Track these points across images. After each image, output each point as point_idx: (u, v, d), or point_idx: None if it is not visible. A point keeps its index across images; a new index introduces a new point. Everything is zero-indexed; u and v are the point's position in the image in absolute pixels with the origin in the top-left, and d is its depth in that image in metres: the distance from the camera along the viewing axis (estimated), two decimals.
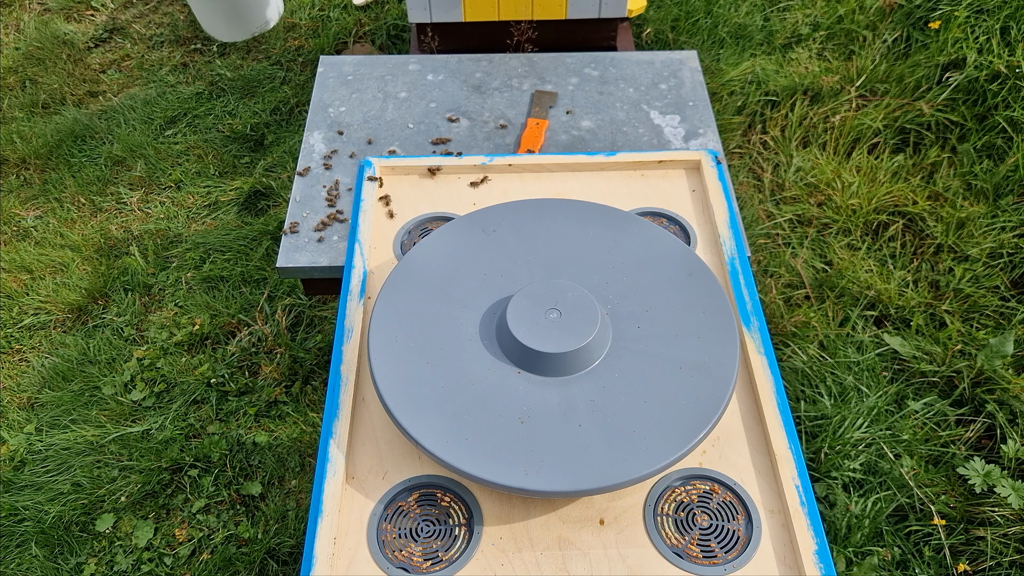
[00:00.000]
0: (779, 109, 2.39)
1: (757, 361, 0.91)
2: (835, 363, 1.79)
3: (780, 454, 0.83)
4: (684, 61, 1.81)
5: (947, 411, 1.72)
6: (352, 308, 0.98)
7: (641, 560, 0.78)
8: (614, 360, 0.85)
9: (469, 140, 1.64)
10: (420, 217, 1.10)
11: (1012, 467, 1.62)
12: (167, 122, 2.56)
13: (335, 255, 1.44)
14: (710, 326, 0.87)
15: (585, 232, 0.97)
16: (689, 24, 2.66)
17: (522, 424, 0.80)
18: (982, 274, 1.95)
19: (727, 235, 1.04)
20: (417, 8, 1.98)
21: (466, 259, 0.95)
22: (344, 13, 2.84)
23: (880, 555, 1.50)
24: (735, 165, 2.28)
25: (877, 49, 2.50)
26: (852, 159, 2.24)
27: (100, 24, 2.96)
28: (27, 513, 1.66)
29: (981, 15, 2.38)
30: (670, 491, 0.82)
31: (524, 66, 1.81)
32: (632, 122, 1.67)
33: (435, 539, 0.79)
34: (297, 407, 1.81)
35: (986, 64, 2.26)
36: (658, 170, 1.16)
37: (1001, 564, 1.50)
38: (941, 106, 2.28)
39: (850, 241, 2.07)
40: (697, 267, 0.93)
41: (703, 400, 0.81)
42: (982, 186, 2.12)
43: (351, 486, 0.84)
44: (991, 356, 1.74)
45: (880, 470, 1.62)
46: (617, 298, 0.90)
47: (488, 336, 0.87)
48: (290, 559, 1.59)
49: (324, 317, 1.98)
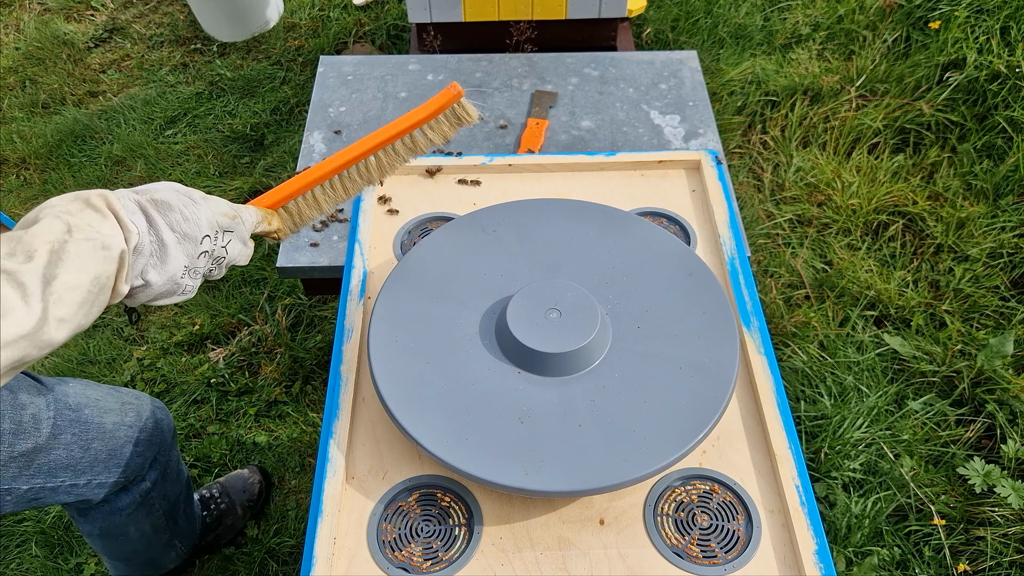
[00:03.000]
0: (779, 109, 2.39)
1: (757, 361, 0.91)
2: (835, 363, 1.79)
3: (780, 454, 0.83)
4: (684, 61, 1.81)
5: (947, 411, 1.72)
6: (352, 308, 0.98)
7: (641, 560, 0.78)
8: (614, 360, 0.85)
9: (469, 140, 1.64)
10: (420, 217, 1.10)
11: (1012, 467, 1.62)
12: (167, 122, 2.56)
13: (335, 255, 1.44)
14: (710, 326, 0.87)
15: (585, 232, 0.97)
16: (689, 24, 2.66)
17: (522, 424, 0.80)
18: (982, 274, 1.95)
19: (727, 235, 1.04)
20: (417, 8, 1.98)
21: (466, 259, 0.95)
22: (344, 13, 2.84)
23: (880, 555, 1.50)
24: (735, 165, 2.28)
25: (877, 49, 2.50)
26: (852, 159, 2.24)
27: (100, 24, 2.96)
28: (27, 513, 1.66)
29: (981, 15, 2.38)
30: (670, 491, 0.82)
31: (524, 66, 1.81)
32: (632, 122, 1.67)
33: (435, 539, 0.79)
34: (297, 407, 1.81)
35: (986, 64, 2.26)
36: (658, 170, 1.16)
37: (1001, 564, 1.50)
38: (941, 106, 2.28)
39: (850, 241, 2.07)
40: (697, 267, 0.93)
41: (703, 400, 0.81)
42: (982, 186, 2.12)
43: (351, 486, 0.84)
44: (991, 356, 1.74)
45: (880, 470, 1.62)
46: (617, 298, 0.90)
47: (488, 336, 0.87)
48: (290, 559, 1.59)
49: (324, 317, 1.98)
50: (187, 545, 1.47)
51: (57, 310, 0.59)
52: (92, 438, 1.07)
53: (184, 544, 1.46)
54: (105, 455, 1.10)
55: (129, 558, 1.38)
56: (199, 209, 0.70)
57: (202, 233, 0.70)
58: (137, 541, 1.32)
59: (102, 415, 1.10)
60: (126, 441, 1.14)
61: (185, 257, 0.69)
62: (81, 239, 0.61)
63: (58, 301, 0.59)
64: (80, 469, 1.07)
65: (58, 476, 1.03)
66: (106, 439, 1.10)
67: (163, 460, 1.24)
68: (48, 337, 0.59)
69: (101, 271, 0.62)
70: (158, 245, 0.67)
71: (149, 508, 1.27)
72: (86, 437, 1.06)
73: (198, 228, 0.70)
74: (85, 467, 1.07)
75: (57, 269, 0.59)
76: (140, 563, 1.41)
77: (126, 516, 1.24)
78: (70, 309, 0.60)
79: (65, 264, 0.60)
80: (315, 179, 0.85)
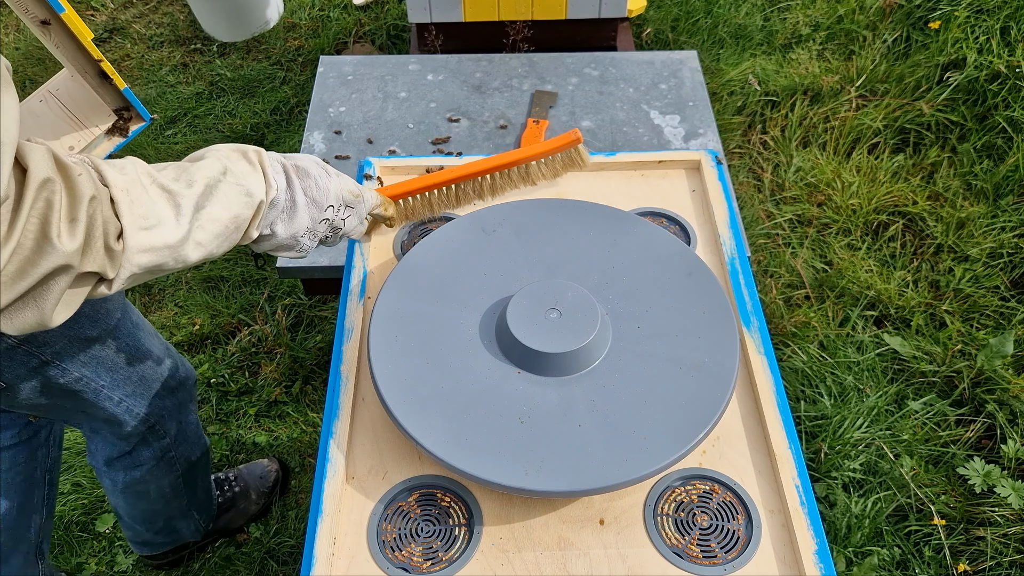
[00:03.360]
0: (779, 109, 2.39)
1: (757, 361, 0.91)
2: (835, 363, 1.79)
3: (780, 454, 0.83)
4: (684, 61, 1.81)
5: (947, 411, 1.72)
6: (352, 308, 0.98)
7: (641, 560, 0.78)
8: (614, 360, 0.85)
9: (469, 140, 1.64)
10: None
11: (1012, 467, 1.62)
12: (167, 122, 2.56)
13: (335, 255, 1.44)
14: (710, 326, 0.87)
15: (585, 232, 0.97)
16: (689, 24, 2.66)
17: (522, 424, 0.80)
18: (982, 274, 1.95)
19: (727, 235, 1.04)
20: (417, 8, 1.98)
21: (466, 259, 0.95)
22: (344, 13, 2.84)
23: (880, 555, 1.50)
24: (735, 165, 2.28)
25: (877, 49, 2.51)
26: (852, 159, 2.24)
27: (100, 24, 2.96)
28: None
29: (981, 15, 2.38)
30: (670, 491, 0.82)
31: (524, 66, 1.81)
32: (632, 122, 1.67)
33: (435, 539, 0.79)
34: (297, 407, 1.81)
35: (986, 64, 2.26)
36: (658, 170, 1.16)
37: (1001, 564, 1.50)
38: (941, 106, 2.28)
39: (850, 241, 2.07)
40: (697, 267, 0.93)
41: (703, 400, 0.81)
42: (982, 186, 2.12)
43: (351, 486, 0.84)
44: (991, 356, 1.74)
45: (880, 470, 1.62)
46: (617, 298, 0.90)
47: (488, 336, 0.87)
48: (290, 559, 1.59)
49: (324, 317, 1.98)
50: (204, 518, 1.53)
51: (198, 234, 0.69)
52: (136, 357, 1.15)
53: (202, 517, 1.51)
54: (138, 380, 1.17)
55: (148, 520, 1.43)
56: (331, 182, 0.82)
57: (328, 203, 0.82)
58: (156, 501, 1.38)
59: (150, 343, 1.19)
60: (158, 378, 1.21)
61: (309, 220, 0.81)
62: (232, 182, 0.72)
63: (200, 227, 0.70)
64: (118, 380, 1.13)
65: (101, 376, 1.10)
66: (145, 366, 1.17)
67: (182, 417, 1.31)
68: (185, 254, 0.69)
69: (240, 212, 0.73)
70: (290, 204, 0.79)
71: (169, 465, 1.33)
72: (133, 352, 1.14)
73: (326, 197, 0.81)
74: (121, 380, 1.14)
75: (207, 201, 0.70)
76: (158, 529, 1.46)
77: (147, 471, 1.31)
78: (208, 236, 0.70)
79: (214, 199, 0.71)
80: (434, 183, 0.96)
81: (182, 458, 1.36)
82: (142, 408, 1.21)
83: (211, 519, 1.56)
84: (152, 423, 1.25)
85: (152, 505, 1.39)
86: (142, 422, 1.23)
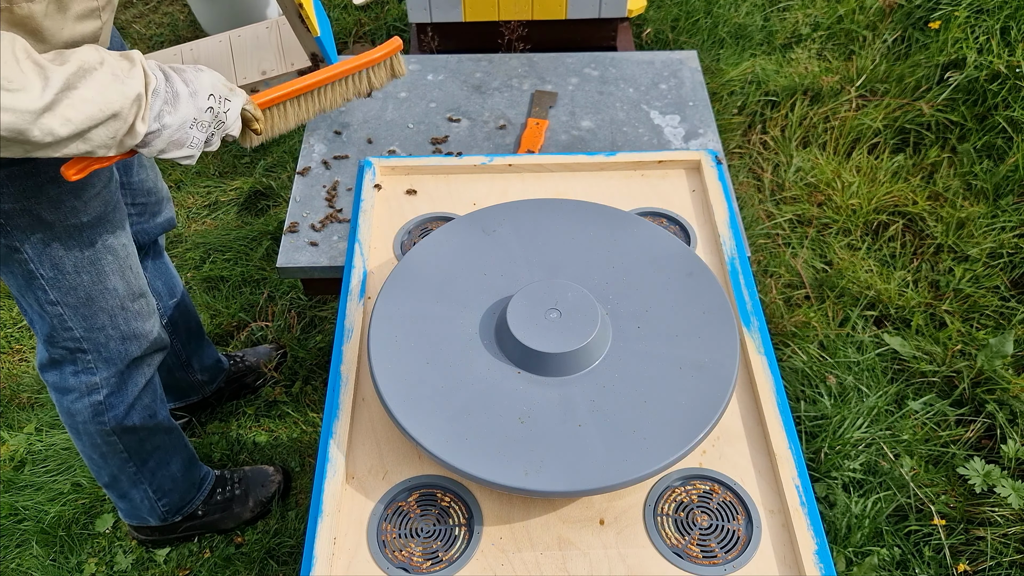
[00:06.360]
0: (779, 109, 2.39)
1: (757, 361, 0.91)
2: (835, 363, 1.79)
3: (780, 454, 0.83)
4: (684, 61, 1.81)
5: (947, 411, 1.72)
6: (352, 308, 0.98)
7: (641, 560, 0.78)
8: (614, 360, 0.85)
9: (469, 140, 1.64)
10: (420, 217, 1.10)
11: (1012, 467, 1.62)
12: None
13: (335, 255, 1.44)
14: (710, 326, 0.87)
15: (585, 232, 0.97)
16: (689, 24, 2.66)
17: (522, 424, 0.80)
18: (982, 274, 1.95)
19: (727, 235, 1.04)
20: (417, 8, 1.98)
21: (466, 259, 0.95)
22: (344, 13, 2.84)
23: (880, 555, 1.50)
24: (735, 165, 2.28)
25: (877, 49, 2.51)
26: (852, 159, 2.24)
27: None
28: (27, 513, 1.67)
29: (981, 15, 2.38)
30: (670, 491, 0.82)
31: (524, 66, 1.81)
32: (632, 122, 1.67)
33: (435, 539, 0.79)
34: (297, 407, 1.81)
35: (986, 64, 2.26)
36: (658, 170, 1.16)
37: (1001, 564, 1.50)
38: (941, 106, 2.28)
39: (850, 241, 2.07)
40: (697, 267, 0.93)
41: (703, 400, 0.81)
42: (982, 186, 2.12)
43: (351, 486, 0.84)
44: (991, 356, 1.74)
45: (880, 470, 1.62)
46: (617, 298, 0.90)
47: (488, 336, 0.87)
48: (290, 559, 1.59)
49: (324, 317, 1.98)
50: (165, 504, 1.49)
51: (67, 111, 0.77)
52: (90, 273, 1.14)
53: (161, 500, 1.48)
54: (84, 297, 1.15)
55: (93, 469, 1.39)
56: (203, 74, 0.91)
57: (206, 92, 0.90)
58: (88, 447, 1.34)
59: (118, 275, 1.18)
60: (108, 311, 1.19)
61: (195, 109, 0.88)
62: (107, 71, 0.81)
63: (71, 106, 0.78)
64: (59, 281, 1.12)
65: (44, 265, 1.10)
66: (96, 289, 1.16)
67: (127, 373, 1.28)
68: (52, 126, 0.77)
69: (115, 100, 0.80)
70: (173, 95, 0.87)
71: (97, 413, 1.29)
72: (87, 267, 1.13)
73: (203, 87, 0.90)
74: (64, 285, 1.13)
75: (79, 82, 0.78)
76: (107, 484, 1.42)
77: (74, 404, 1.28)
78: (80, 117, 0.78)
79: (87, 81, 0.79)
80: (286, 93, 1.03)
81: (118, 418, 1.30)
82: (76, 325, 1.17)
83: (176, 511, 1.51)
84: (83, 348, 1.20)
85: (87, 450, 1.34)
86: (71, 339, 1.18)
